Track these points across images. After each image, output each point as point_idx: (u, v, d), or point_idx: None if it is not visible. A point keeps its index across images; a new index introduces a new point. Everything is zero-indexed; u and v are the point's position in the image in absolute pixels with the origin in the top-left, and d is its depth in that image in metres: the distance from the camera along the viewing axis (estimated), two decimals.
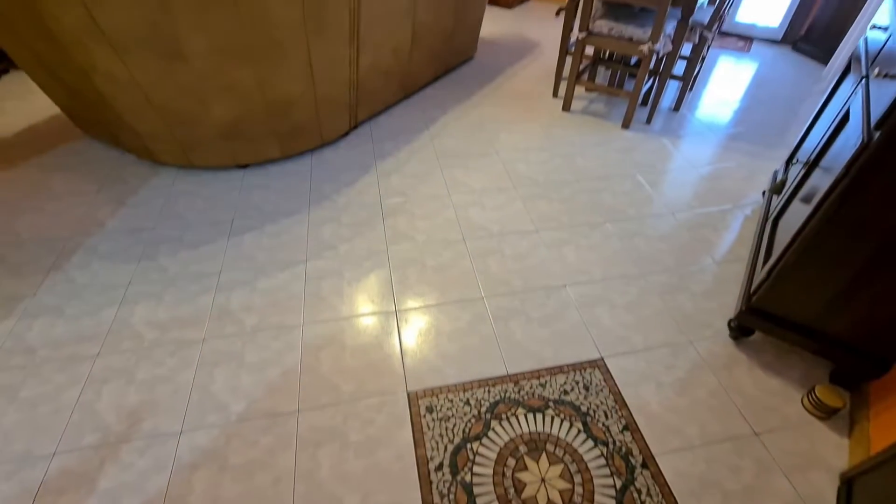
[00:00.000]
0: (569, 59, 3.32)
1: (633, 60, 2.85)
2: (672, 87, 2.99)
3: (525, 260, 1.76)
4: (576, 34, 2.46)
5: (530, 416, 1.28)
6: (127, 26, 1.55)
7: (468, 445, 1.22)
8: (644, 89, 2.54)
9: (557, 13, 4.29)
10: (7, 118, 2.54)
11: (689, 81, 2.63)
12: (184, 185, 2.10)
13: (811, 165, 1.52)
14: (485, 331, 1.50)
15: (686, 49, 3.26)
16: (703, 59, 2.79)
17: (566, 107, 2.73)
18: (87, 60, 1.66)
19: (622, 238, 1.88)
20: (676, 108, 2.74)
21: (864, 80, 1.36)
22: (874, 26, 1.62)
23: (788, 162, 1.93)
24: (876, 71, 1.29)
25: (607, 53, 2.89)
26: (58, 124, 2.49)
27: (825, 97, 1.80)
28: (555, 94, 2.90)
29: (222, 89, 1.82)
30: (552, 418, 1.28)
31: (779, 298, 1.35)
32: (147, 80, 1.73)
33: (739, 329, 1.49)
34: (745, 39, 3.70)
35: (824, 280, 1.24)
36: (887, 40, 1.38)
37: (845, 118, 1.39)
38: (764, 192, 2.12)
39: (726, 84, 3.08)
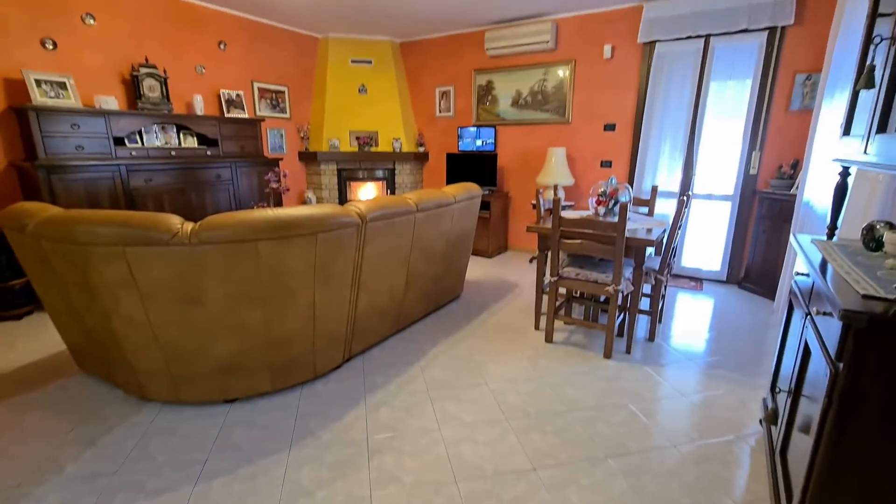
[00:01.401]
0: (546, 298, 3.70)
1: (603, 298, 3.19)
2: (643, 320, 3.26)
3: None
4: (548, 278, 2.83)
5: None
6: (159, 279, 1.79)
7: None
8: (617, 322, 2.78)
9: (531, 260, 5.00)
10: (14, 355, 2.61)
11: (656, 315, 2.90)
12: (164, 422, 2.01)
13: (795, 394, 1.56)
14: None
15: (647, 288, 3.70)
16: (664, 296, 3.14)
17: (548, 339, 2.91)
18: (113, 306, 1.83)
19: (628, 476, 1.73)
20: (651, 338, 2.93)
21: (808, 317, 1.54)
22: (798, 273, 1.92)
23: (773, 390, 1.97)
24: (815, 309, 1.48)
25: (579, 292, 3.26)
26: (58, 361, 2.54)
27: (782, 328, 1.98)
28: (536, 327, 3.13)
29: (230, 328, 1.96)
30: None
31: None
32: (161, 322, 1.87)
33: None
34: (695, 280, 4.25)
35: None
36: (812, 284, 1.63)
37: (807, 349, 1.52)
38: (761, 421, 2.08)
39: (691, 317, 3.38)
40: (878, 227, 1.62)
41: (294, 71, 5.23)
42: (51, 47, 3.36)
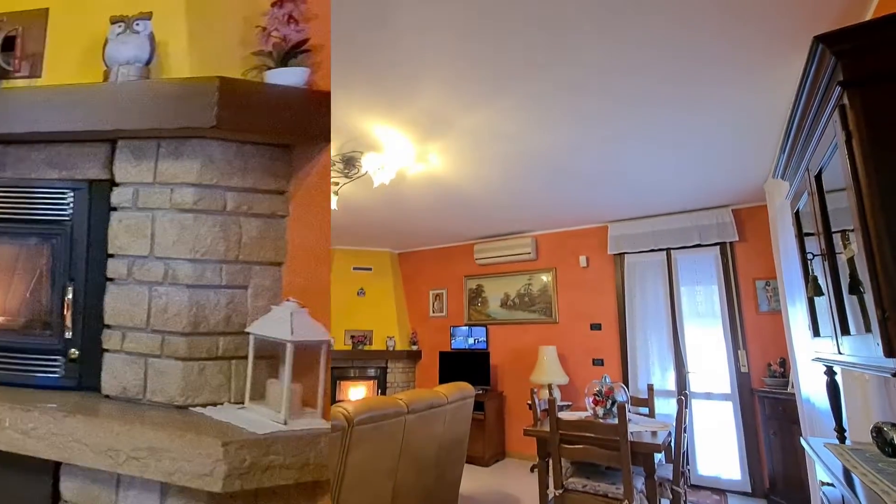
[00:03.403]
0: None
1: None
2: None
3: None
4: (552, 491, 2.53)
5: None
6: None
7: None
8: None
9: (532, 469, 4.51)
10: None
11: None
12: None
13: None
14: None
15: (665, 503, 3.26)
16: None
17: None
18: None
19: None
20: None
21: None
22: (823, 483, 1.76)
23: None
24: None
25: None
26: None
27: None
28: None
29: None
30: None
31: None
32: None
33: None
34: (718, 493, 3.78)
35: None
36: (842, 497, 1.47)
37: None
38: None
39: None
40: (885, 429, 1.56)
41: None
42: None
